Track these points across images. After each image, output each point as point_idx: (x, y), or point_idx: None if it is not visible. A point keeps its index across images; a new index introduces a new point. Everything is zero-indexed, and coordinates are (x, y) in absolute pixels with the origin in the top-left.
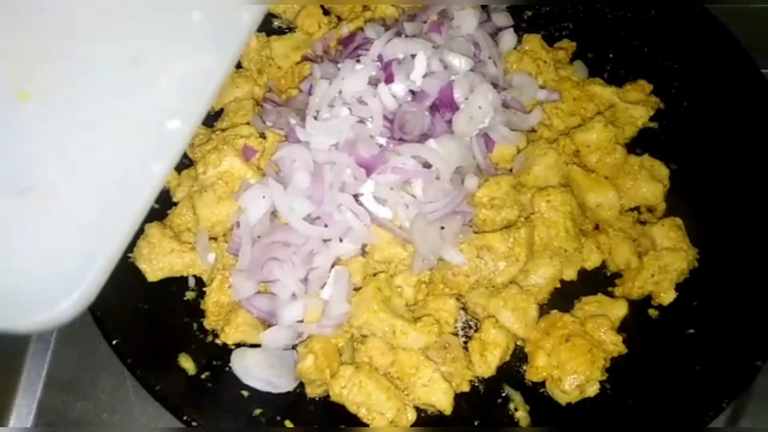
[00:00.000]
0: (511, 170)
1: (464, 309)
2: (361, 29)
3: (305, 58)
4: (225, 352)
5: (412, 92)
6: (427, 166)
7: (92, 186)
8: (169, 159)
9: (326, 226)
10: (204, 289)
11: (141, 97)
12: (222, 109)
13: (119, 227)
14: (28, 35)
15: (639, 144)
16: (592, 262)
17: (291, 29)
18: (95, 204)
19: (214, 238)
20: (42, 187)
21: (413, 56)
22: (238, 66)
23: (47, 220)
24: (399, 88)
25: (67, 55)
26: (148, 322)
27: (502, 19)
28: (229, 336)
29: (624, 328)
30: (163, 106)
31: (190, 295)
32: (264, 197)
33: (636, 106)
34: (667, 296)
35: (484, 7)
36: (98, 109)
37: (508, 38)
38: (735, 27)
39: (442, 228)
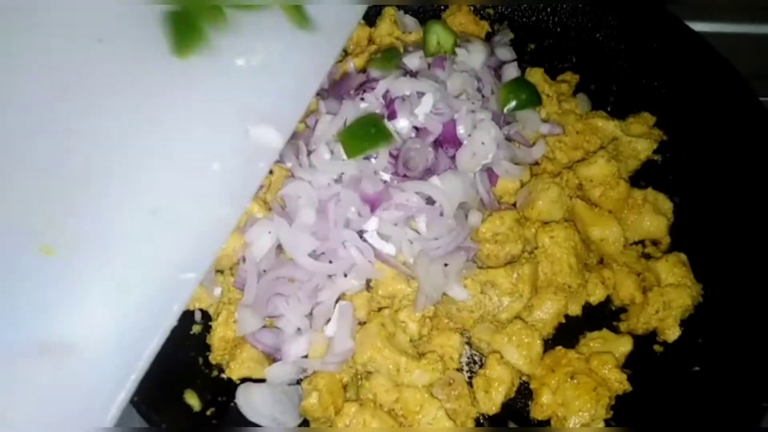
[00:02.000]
0: (514, 204)
1: (469, 344)
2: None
3: None
4: (230, 387)
5: (416, 128)
6: (430, 202)
7: (109, 337)
8: (181, 306)
9: (331, 261)
10: (210, 323)
11: (158, 249)
12: None
13: (132, 370)
14: (49, 187)
15: (642, 177)
16: (596, 297)
17: None
18: (111, 354)
19: (220, 271)
20: (60, 343)
21: (417, 93)
22: None
23: (65, 374)
24: (403, 124)
25: (87, 207)
26: (154, 359)
27: (504, 53)
28: (234, 371)
29: (629, 364)
30: (178, 259)
31: (196, 328)
32: (270, 232)
33: (639, 139)
34: (672, 333)
35: (487, 40)
36: (116, 261)
37: (512, 72)
38: (733, 55)
39: (446, 265)
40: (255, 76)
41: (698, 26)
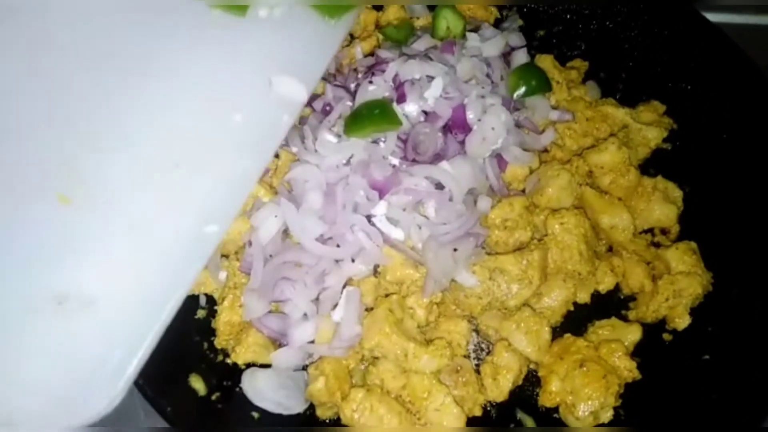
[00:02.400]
0: (523, 191)
1: (476, 331)
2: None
3: None
4: (236, 371)
5: (425, 112)
6: (440, 187)
7: (128, 289)
8: (203, 260)
9: (338, 246)
10: (215, 307)
11: (180, 201)
12: None
13: (151, 327)
14: (71, 138)
15: (652, 165)
16: (605, 284)
17: None
18: (129, 307)
19: (225, 256)
20: (79, 294)
21: (427, 77)
22: None
23: (84, 328)
24: (412, 108)
25: (110, 158)
26: (158, 343)
27: (514, 39)
28: (239, 356)
29: (638, 352)
30: (201, 211)
31: (201, 313)
32: (276, 216)
33: (649, 127)
34: (682, 321)
35: (496, 26)
36: (137, 213)
37: (521, 58)
38: (747, 44)
39: (455, 250)
40: (277, 28)
41: (711, 17)
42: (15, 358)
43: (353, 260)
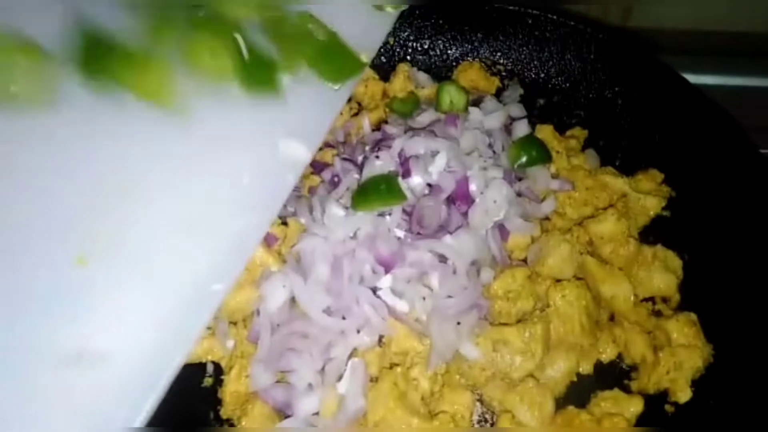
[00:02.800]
0: (525, 260)
1: (480, 401)
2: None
3: (327, 145)
4: None
5: (429, 185)
6: (443, 259)
7: (141, 346)
8: (208, 319)
9: (344, 317)
10: (222, 376)
11: (191, 261)
12: None
13: (161, 377)
14: (89, 201)
15: (652, 232)
16: (608, 355)
17: None
18: (143, 362)
19: (233, 323)
20: (94, 352)
21: (431, 151)
22: None
23: (99, 384)
24: (417, 182)
25: (126, 219)
26: (164, 410)
27: (515, 110)
28: (246, 428)
29: (640, 424)
30: (208, 270)
31: (207, 381)
32: (284, 287)
33: (648, 196)
34: (683, 394)
35: (497, 95)
36: (150, 273)
37: (522, 128)
38: (733, 107)
39: (459, 323)
40: (285, 94)
41: (700, 79)
42: (25, 415)
43: (358, 331)
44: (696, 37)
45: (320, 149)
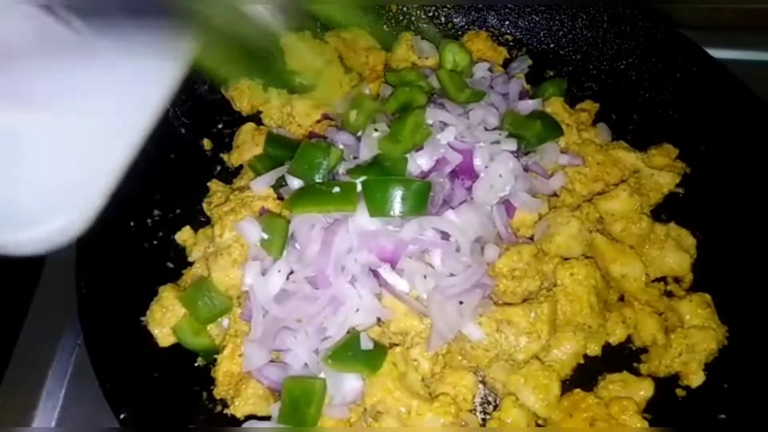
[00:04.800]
0: (531, 238)
1: (483, 382)
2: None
3: (325, 117)
4: (234, 423)
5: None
6: (446, 236)
7: (92, 111)
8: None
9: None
10: (215, 356)
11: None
12: (241, 166)
13: (116, 152)
14: None
15: (664, 210)
16: (617, 337)
17: (312, 87)
18: (95, 128)
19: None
20: (47, 107)
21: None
22: (259, 122)
23: (50, 139)
24: (425, 158)
25: None
26: (157, 392)
27: (522, 83)
28: (238, 408)
29: (650, 408)
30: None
31: (200, 361)
32: (279, 271)
33: (661, 172)
34: (696, 378)
35: (505, 66)
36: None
37: (532, 103)
38: (756, 83)
39: (461, 303)
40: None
41: (721, 53)
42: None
43: (357, 310)
44: (712, 11)
45: (318, 121)
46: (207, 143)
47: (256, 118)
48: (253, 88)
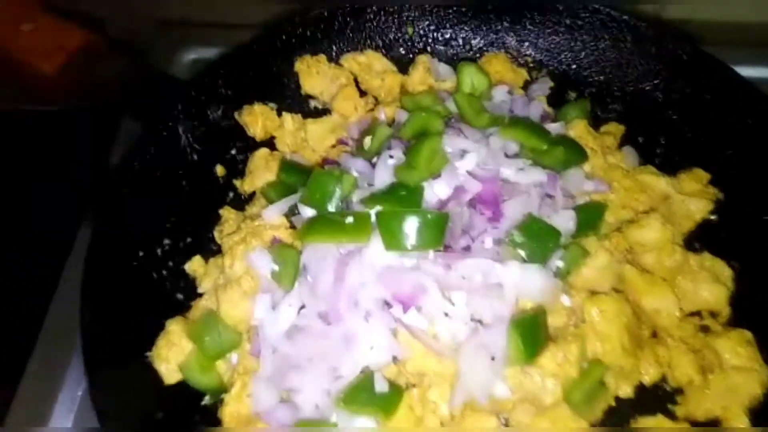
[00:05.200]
0: None
1: (506, 425)
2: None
3: (340, 142)
4: None
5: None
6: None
7: None
8: None
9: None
10: (222, 395)
11: None
12: (254, 193)
13: None
14: None
15: (697, 239)
16: (650, 376)
17: (327, 111)
18: None
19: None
20: None
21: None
22: (272, 148)
23: None
24: (443, 187)
25: None
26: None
27: (543, 106)
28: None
29: None
30: None
31: (208, 400)
32: (291, 306)
33: (693, 198)
34: (738, 424)
35: (525, 88)
36: None
37: (554, 127)
38: None
39: (493, 359)
40: None
41: (749, 71)
42: None
43: (372, 348)
44: (738, 28)
45: (333, 146)
46: (220, 170)
47: (270, 143)
48: (267, 113)
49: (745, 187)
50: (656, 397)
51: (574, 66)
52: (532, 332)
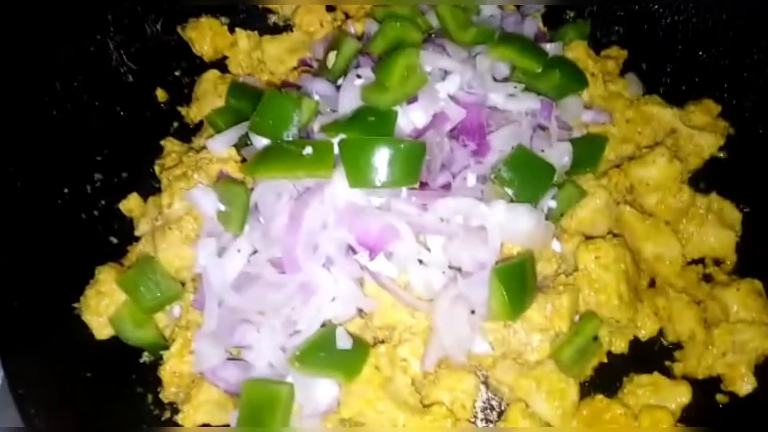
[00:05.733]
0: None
1: (485, 384)
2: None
3: (303, 63)
4: None
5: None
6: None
7: None
8: None
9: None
10: (163, 351)
11: None
12: (201, 122)
13: None
14: None
15: (704, 178)
16: (647, 331)
17: (288, 28)
18: None
19: (181, 283)
20: None
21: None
22: (223, 69)
23: None
24: (419, 112)
25: None
26: (89, 396)
27: (538, 23)
28: (188, 417)
29: (685, 416)
30: None
31: (147, 357)
32: (240, 251)
33: (702, 132)
34: (744, 384)
35: (518, 7)
36: None
37: (550, 47)
38: None
39: (473, 312)
40: None
41: None
42: None
43: (333, 299)
44: None
45: (294, 68)
46: (161, 94)
47: (220, 64)
48: (217, 28)
49: (760, 120)
50: (653, 353)
51: None
52: (518, 282)
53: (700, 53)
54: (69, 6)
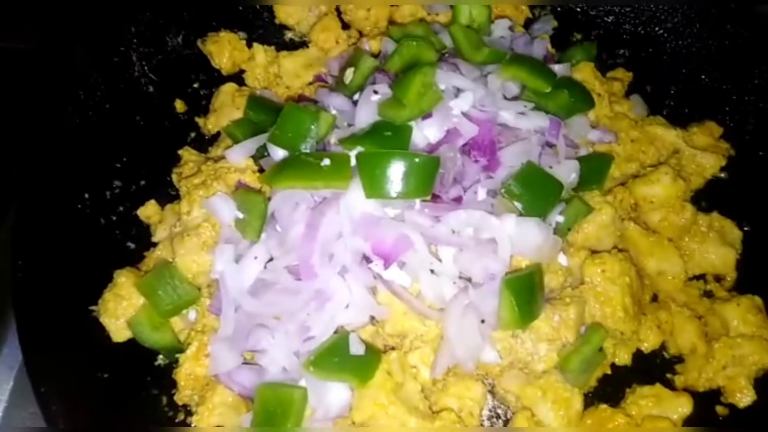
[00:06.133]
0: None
1: (492, 392)
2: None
3: (318, 79)
4: None
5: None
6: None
7: None
8: None
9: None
10: (178, 354)
11: None
12: (219, 133)
13: None
14: None
15: (705, 198)
16: (650, 343)
17: (304, 44)
18: None
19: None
20: None
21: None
22: (240, 82)
23: None
24: (433, 127)
25: None
26: (106, 396)
27: (547, 45)
28: (203, 418)
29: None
30: None
31: (162, 360)
32: (256, 258)
33: (704, 153)
34: (743, 396)
35: (526, 27)
36: None
37: (559, 68)
38: None
39: (483, 321)
40: None
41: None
42: None
43: (347, 306)
44: None
45: (310, 83)
46: (180, 105)
47: (237, 78)
48: (235, 43)
49: (760, 142)
50: (655, 366)
51: (580, 5)
52: (528, 292)
53: (703, 77)
54: (96, 20)
